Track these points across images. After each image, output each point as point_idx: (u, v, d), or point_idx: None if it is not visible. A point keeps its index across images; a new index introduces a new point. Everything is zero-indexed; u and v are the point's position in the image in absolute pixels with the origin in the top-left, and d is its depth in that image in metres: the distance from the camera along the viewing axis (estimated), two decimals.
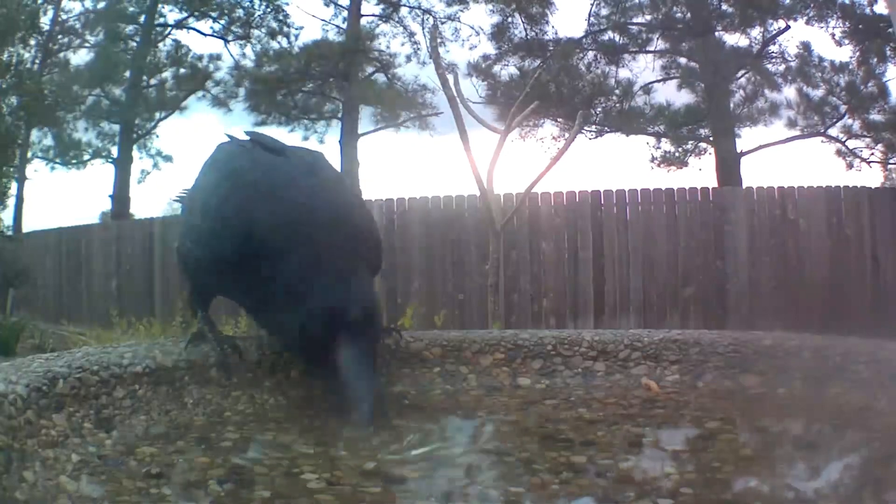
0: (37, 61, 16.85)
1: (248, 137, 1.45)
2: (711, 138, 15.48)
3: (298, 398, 1.30)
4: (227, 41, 18.11)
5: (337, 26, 17.50)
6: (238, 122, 18.27)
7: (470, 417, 1.30)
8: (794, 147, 18.45)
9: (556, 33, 16.14)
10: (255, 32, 17.98)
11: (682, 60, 15.77)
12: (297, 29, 17.75)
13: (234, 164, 1.39)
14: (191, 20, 18.18)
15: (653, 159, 15.84)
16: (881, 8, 13.21)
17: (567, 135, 11.06)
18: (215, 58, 18.07)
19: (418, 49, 17.23)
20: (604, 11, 15.91)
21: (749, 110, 15.27)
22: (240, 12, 18.03)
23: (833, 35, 14.50)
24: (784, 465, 1.07)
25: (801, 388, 1.31)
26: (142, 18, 17.87)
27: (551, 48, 15.81)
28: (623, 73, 15.83)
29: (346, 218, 1.31)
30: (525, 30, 16.03)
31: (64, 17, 17.47)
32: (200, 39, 23.93)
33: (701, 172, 15.84)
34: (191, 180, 1.48)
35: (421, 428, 1.22)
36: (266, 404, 1.26)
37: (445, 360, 1.40)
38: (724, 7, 15.18)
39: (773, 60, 15.21)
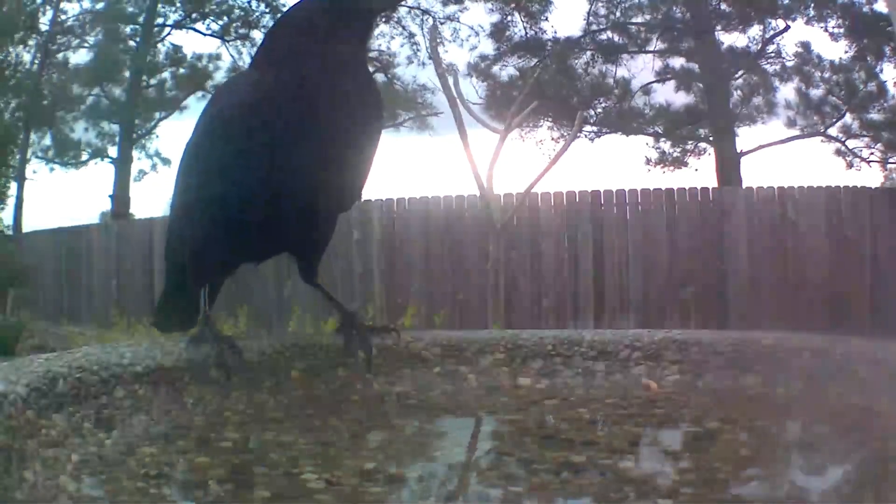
0: (36, 61, 16.85)
1: None
2: (711, 138, 15.47)
3: (298, 398, 1.30)
4: (225, 41, 18.11)
5: None
6: None
7: (470, 417, 1.30)
8: (794, 147, 18.44)
9: (556, 33, 16.16)
10: (254, 32, 17.97)
11: (682, 60, 15.77)
12: None
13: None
14: (189, 20, 18.18)
15: (648, 161, 15.82)
16: (881, 7, 13.21)
17: (566, 135, 11.07)
18: (214, 58, 18.09)
19: (418, 50, 17.25)
20: (602, 11, 15.92)
21: (748, 110, 15.27)
22: (238, 12, 18.04)
23: (832, 34, 14.52)
24: (784, 465, 1.07)
25: (801, 388, 1.31)
26: (141, 18, 17.86)
27: (550, 48, 15.81)
28: (622, 73, 15.86)
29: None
30: (524, 28, 16.03)
31: (63, 17, 17.49)
32: (199, 39, 23.95)
33: (697, 173, 15.86)
34: None
35: (421, 428, 1.22)
36: (266, 404, 1.26)
37: (445, 360, 1.40)
38: (724, 7, 15.18)
39: (773, 60, 15.22)
